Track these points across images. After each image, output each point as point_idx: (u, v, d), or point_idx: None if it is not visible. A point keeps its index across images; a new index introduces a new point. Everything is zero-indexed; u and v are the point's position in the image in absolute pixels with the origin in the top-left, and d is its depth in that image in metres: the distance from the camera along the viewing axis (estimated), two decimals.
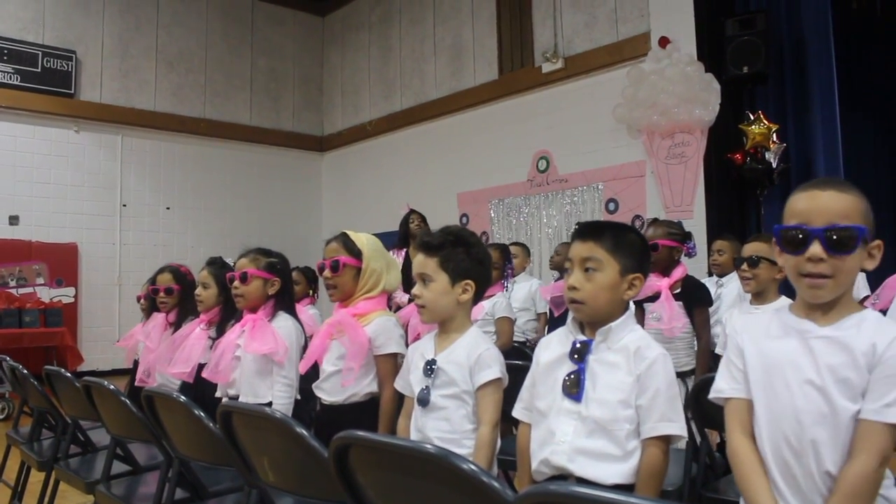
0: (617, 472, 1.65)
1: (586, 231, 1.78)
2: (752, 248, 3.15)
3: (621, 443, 1.66)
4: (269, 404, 2.64)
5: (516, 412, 1.88)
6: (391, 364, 2.52)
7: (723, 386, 1.59)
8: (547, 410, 1.75)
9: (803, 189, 1.52)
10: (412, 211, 6.12)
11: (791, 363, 1.48)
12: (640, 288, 1.78)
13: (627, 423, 1.66)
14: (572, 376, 1.72)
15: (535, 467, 1.75)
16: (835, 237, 1.44)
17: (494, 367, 1.96)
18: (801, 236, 1.47)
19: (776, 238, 1.53)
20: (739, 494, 2.34)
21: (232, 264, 3.06)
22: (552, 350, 1.82)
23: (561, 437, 1.69)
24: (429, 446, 1.25)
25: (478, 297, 2.10)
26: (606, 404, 1.67)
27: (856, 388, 1.41)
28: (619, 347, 1.72)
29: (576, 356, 1.74)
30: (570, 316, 1.83)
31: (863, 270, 1.51)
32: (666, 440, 1.65)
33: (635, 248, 1.78)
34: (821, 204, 1.48)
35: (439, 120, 8.76)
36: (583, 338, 1.76)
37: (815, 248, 1.44)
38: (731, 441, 1.55)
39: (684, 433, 1.67)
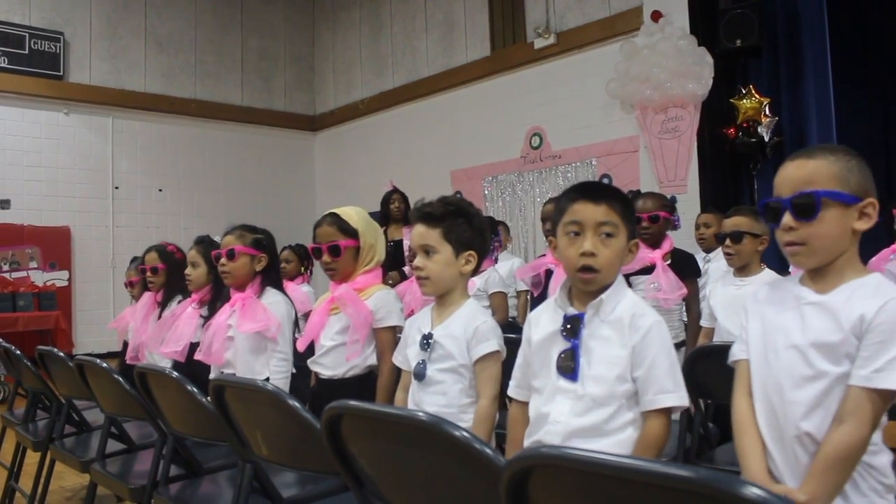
0: (611, 444, 1.59)
1: (597, 192, 1.67)
2: (733, 223, 3.09)
3: (617, 416, 1.61)
4: (267, 380, 2.64)
5: (511, 391, 1.83)
6: (391, 336, 2.52)
7: (734, 349, 1.65)
8: (542, 389, 1.70)
9: (784, 162, 1.56)
10: (394, 190, 6.09)
11: (782, 329, 1.53)
12: (636, 254, 1.72)
13: (623, 397, 1.61)
14: (566, 354, 1.65)
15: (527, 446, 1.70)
16: (797, 204, 1.48)
17: (492, 340, 1.93)
18: (776, 208, 1.52)
19: (761, 212, 1.61)
20: (732, 463, 2.36)
21: (219, 242, 3.05)
22: (543, 327, 1.74)
23: (556, 418, 1.64)
24: (421, 414, 1.24)
25: (476, 268, 2.08)
26: (603, 381, 1.61)
27: (838, 352, 1.43)
28: (612, 319, 1.64)
29: (568, 332, 1.66)
30: (560, 287, 1.75)
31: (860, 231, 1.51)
32: (667, 412, 1.60)
33: (634, 213, 1.74)
34: (787, 174, 1.52)
35: (432, 97, 8.70)
36: (573, 311, 1.68)
37: (785, 218, 1.50)
38: (733, 400, 1.60)
39: (684, 402, 1.61)
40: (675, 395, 1.59)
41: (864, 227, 1.49)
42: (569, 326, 1.67)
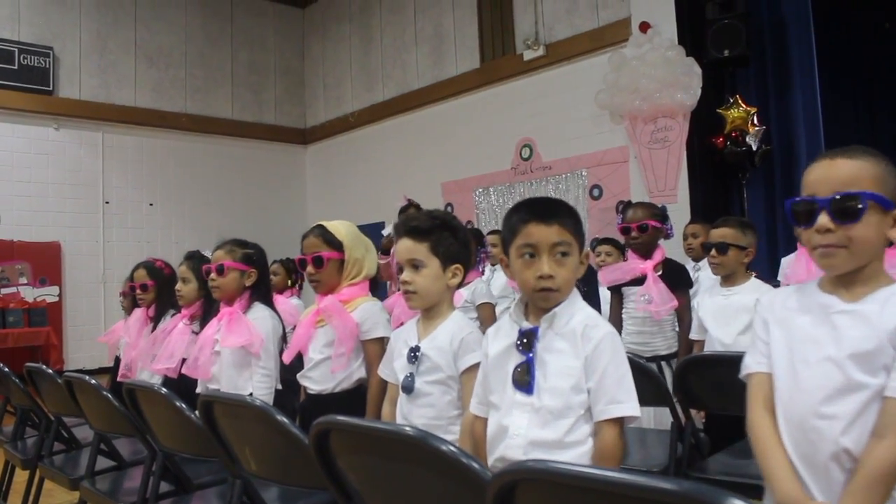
0: (573, 457, 1.59)
1: (548, 212, 1.65)
2: (719, 234, 3.10)
3: (576, 428, 1.60)
4: (251, 396, 2.63)
5: (472, 408, 1.80)
6: (378, 348, 2.52)
7: (748, 361, 1.57)
8: (499, 404, 1.68)
9: (816, 159, 1.48)
10: (409, 204, 6.06)
11: (812, 340, 1.44)
12: (587, 265, 1.70)
13: (581, 408, 1.60)
14: (521, 368, 1.65)
15: (490, 464, 1.67)
16: (840, 206, 1.38)
17: (478, 351, 1.90)
18: (809, 208, 1.42)
19: (787, 213, 1.48)
20: (724, 473, 2.36)
21: (210, 257, 3.05)
22: (500, 341, 1.73)
23: (515, 431, 1.62)
24: (408, 428, 1.25)
25: (462, 281, 2.09)
26: (559, 393, 1.60)
27: (875, 362, 1.36)
28: (566, 331, 1.64)
29: (523, 346, 1.66)
30: (516, 303, 1.74)
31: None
32: (619, 422, 1.59)
33: (582, 226, 1.72)
34: (827, 173, 1.43)
35: (422, 110, 8.72)
36: (528, 325, 1.68)
37: (822, 219, 1.40)
38: (750, 415, 1.52)
39: (635, 413, 1.59)
40: (626, 406, 1.58)
41: None
42: (524, 340, 1.66)
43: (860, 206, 1.37)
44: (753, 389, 1.53)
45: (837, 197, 1.39)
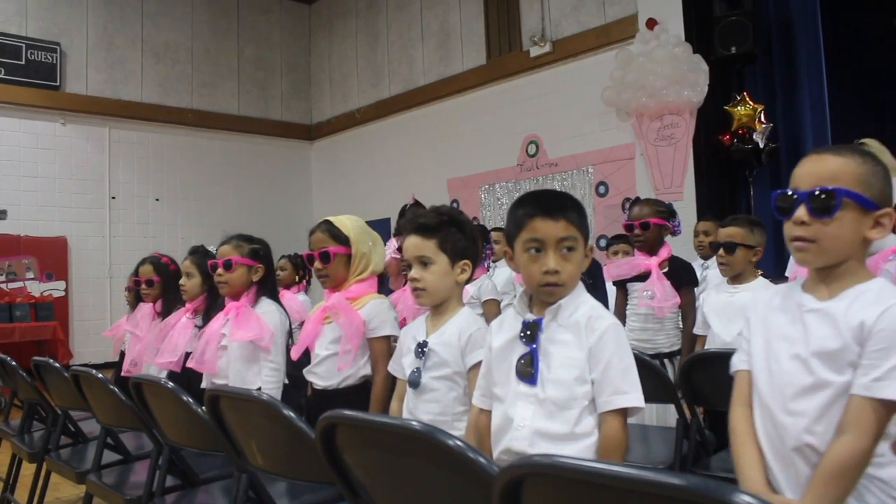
0: (579, 449, 1.59)
1: (554, 207, 1.64)
2: (727, 234, 3.08)
3: (581, 420, 1.59)
4: (258, 390, 2.64)
5: (475, 400, 1.80)
6: (385, 346, 2.52)
7: (734, 360, 1.60)
8: (503, 396, 1.68)
9: (808, 154, 1.50)
10: (416, 203, 6.05)
11: (785, 338, 1.48)
12: (591, 257, 1.70)
13: (585, 399, 1.60)
14: (525, 359, 1.64)
15: (496, 456, 1.68)
16: (816, 200, 1.41)
17: (486, 348, 1.94)
18: (790, 201, 1.45)
19: (772, 204, 1.50)
20: (729, 470, 2.36)
21: (214, 251, 3.04)
22: (504, 333, 1.73)
23: (520, 423, 1.62)
24: (415, 423, 1.24)
25: (470, 276, 2.08)
26: (563, 384, 1.60)
27: (840, 360, 1.38)
28: (570, 323, 1.64)
29: (526, 337, 1.66)
30: (520, 295, 1.74)
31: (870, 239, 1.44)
32: (622, 413, 1.59)
33: (586, 218, 1.71)
34: (812, 167, 1.45)
35: (428, 106, 8.72)
36: (532, 317, 1.67)
37: (799, 211, 1.43)
38: (730, 412, 1.56)
39: (640, 404, 1.59)
40: (631, 397, 1.58)
41: (877, 237, 1.43)
42: (527, 332, 1.66)
43: (835, 202, 1.39)
44: (735, 387, 1.58)
45: (815, 192, 1.41)
